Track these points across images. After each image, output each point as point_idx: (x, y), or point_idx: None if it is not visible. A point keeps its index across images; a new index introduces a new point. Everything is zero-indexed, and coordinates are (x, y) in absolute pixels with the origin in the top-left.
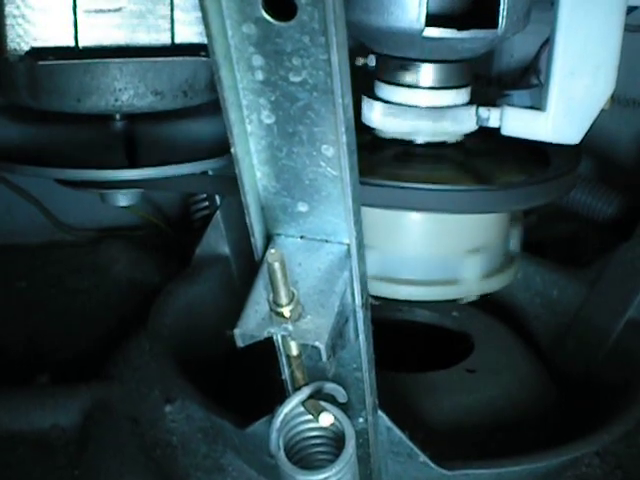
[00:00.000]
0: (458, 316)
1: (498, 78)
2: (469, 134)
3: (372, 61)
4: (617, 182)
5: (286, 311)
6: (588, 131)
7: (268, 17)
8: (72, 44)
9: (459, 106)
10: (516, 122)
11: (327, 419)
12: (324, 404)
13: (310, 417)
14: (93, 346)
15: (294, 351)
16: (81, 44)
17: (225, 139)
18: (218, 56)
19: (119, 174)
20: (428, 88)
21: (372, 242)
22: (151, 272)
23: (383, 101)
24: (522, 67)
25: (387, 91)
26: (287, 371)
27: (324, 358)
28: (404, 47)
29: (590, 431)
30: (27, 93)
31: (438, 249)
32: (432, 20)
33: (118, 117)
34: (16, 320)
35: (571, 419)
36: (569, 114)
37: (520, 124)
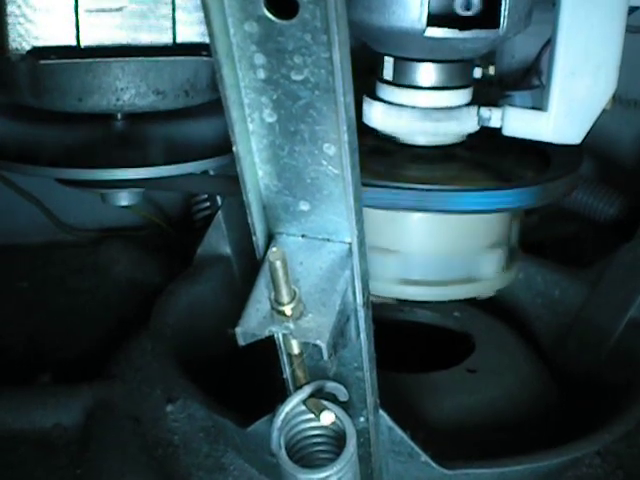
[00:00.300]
0: (459, 316)
1: (499, 78)
2: (471, 134)
3: (491, 70)
4: (618, 182)
5: (287, 310)
6: (589, 131)
7: (270, 15)
8: (74, 43)
9: (461, 106)
10: (517, 122)
11: (328, 418)
12: (325, 403)
13: (311, 416)
14: (95, 346)
15: (295, 350)
16: (83, 43)
17: (226, 138)
18: (220, 54)
19: (120, 173)
20: (429, 88)
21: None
22: (152, 272)
23: (384, 101)
24: (523, 68)
25: (388, 92)
26: (288, 370)
27: (325, 357)
28: (406, 47)
29: (591, 431)
30: (29, 92)
31: (454, 248)
32: (434, 20)
33: (119, 116)
34: (17, 320)
35: (572, 419)
36: (570, 114)
37: (521, 124)
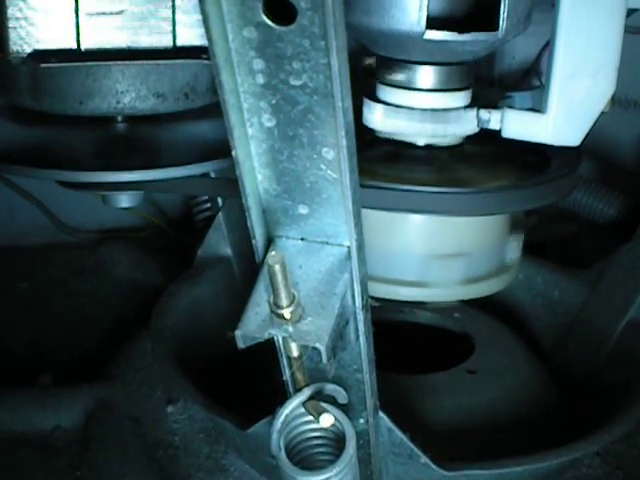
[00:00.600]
0: (459, 317)
1: (500, 80)
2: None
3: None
4: (618, 183)
5: (287, 313)
6: (589, 133)
7: (269, 21)
8: (74, 46)
9: (460, 108)
10: (516, 124)
11: (328, 420)
12: (325, 405)
13: (311, 418)
14: (95, 347)
15: (295, 352)
16: (83, 46)
17: (226, 141)
18: (219, 60)
19: (120, 176)
20: (429, 90)
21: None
22: (153, 273)
23: (384, 103)
24: (524, 69)
25: (388, 93)
26: (288, 372)
27: (324, 359)
28: (405, 49)
29: (591, 432)
30: (29, 95)
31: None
32: (433, 23)
33: (120, 119)
34: (18, 321)
35: (572, 420)
36: (569, 116)
37: (520, 126)
